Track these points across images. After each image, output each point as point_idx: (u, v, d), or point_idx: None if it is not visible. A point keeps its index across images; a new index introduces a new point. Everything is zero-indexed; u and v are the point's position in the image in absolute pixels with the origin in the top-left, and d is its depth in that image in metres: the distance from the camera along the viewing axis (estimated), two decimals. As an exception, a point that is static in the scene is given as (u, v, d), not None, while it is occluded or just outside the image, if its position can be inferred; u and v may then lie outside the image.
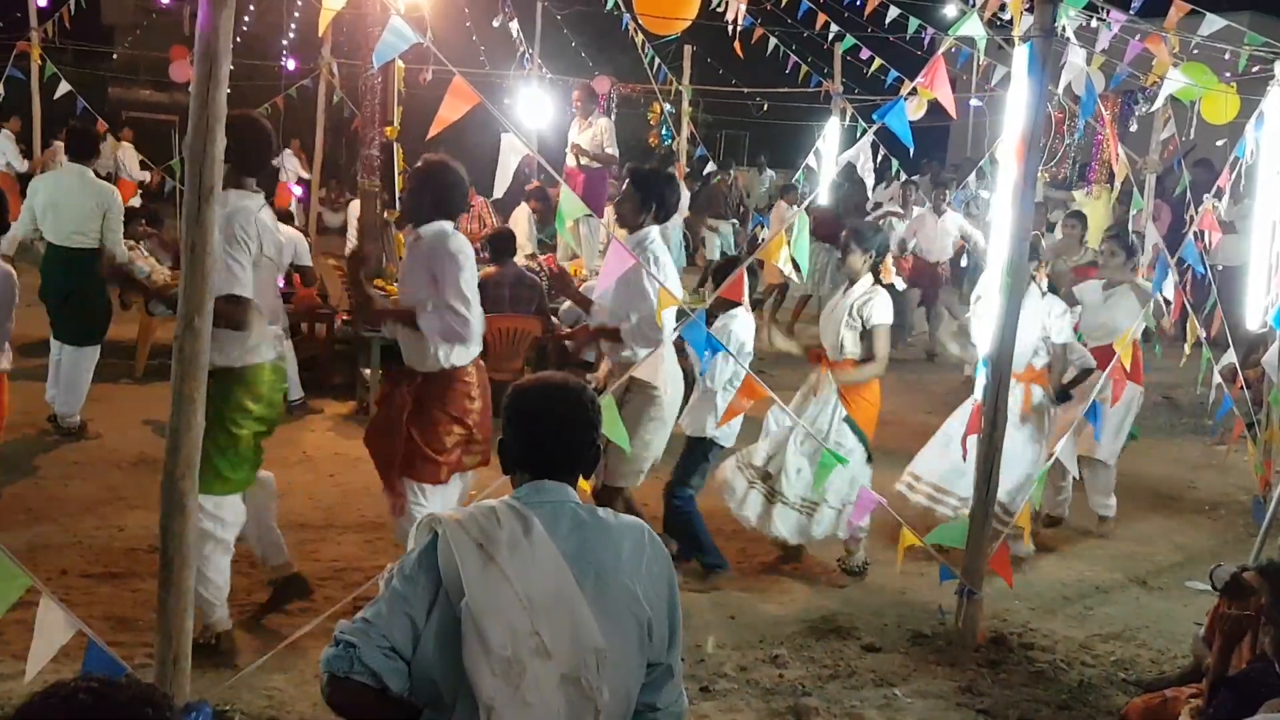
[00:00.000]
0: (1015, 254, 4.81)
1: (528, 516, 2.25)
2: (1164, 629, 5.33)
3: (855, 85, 13.18)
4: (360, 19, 8.76)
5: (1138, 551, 6.44)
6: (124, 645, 4.19)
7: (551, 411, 2.36)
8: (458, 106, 3.86)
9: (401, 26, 3.68)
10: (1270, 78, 6.23)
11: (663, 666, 2.33)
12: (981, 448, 4.93)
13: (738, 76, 15.08)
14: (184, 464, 3.37)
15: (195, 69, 3.22)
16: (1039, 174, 5.33)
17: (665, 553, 2.38)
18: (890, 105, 4.55)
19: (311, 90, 13.37)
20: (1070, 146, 13.13)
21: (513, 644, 2.12)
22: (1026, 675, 4.75)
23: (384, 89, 8.67)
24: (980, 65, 9.27)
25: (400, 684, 2.16)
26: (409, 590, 2.19)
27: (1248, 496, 7.12)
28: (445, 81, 3.88)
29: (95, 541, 5.47)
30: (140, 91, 20.42)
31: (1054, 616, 5.43)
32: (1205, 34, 6.01)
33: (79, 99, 10.98)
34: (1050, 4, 4.67)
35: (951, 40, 5.36)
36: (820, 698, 4.41)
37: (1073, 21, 5.24)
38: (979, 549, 4.94)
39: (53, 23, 11.71)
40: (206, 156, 3.24)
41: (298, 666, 4.26)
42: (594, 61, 15.99)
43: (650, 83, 13.59)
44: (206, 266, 3.30)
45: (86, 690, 1.52)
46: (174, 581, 3.41)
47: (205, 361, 3.37)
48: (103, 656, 3.33)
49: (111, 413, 7.57)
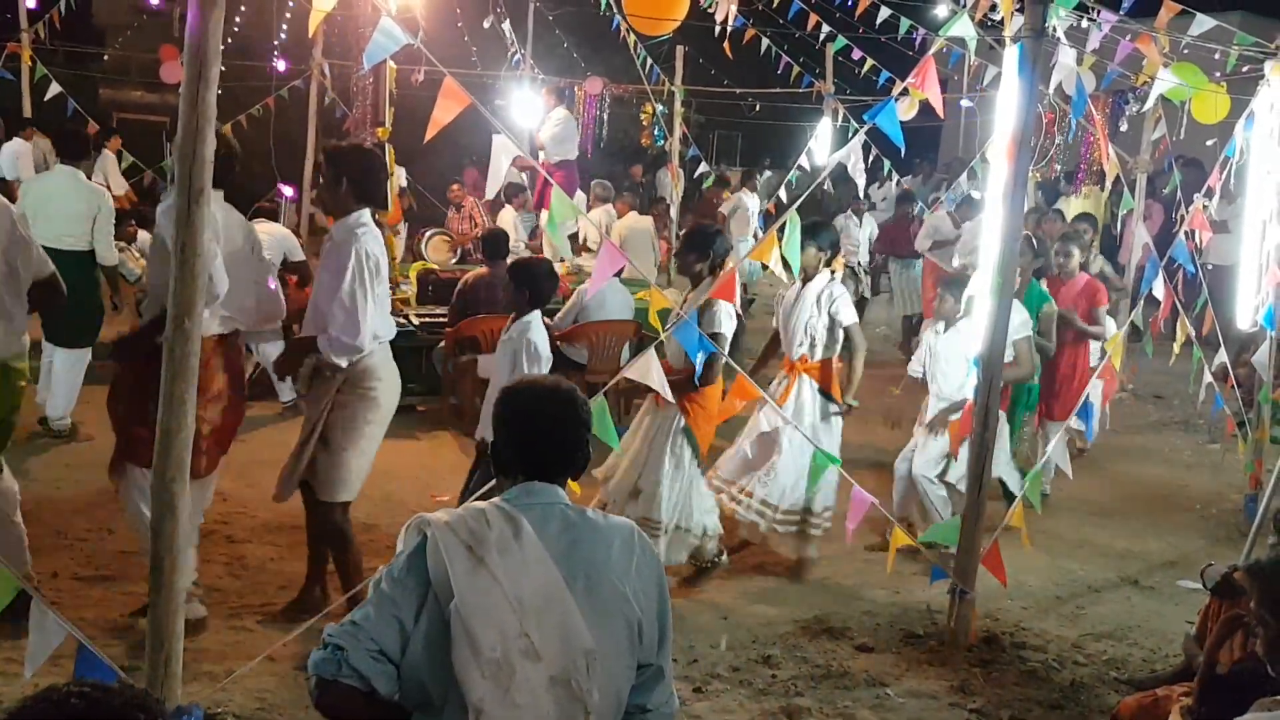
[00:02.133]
0: (1006, 254, 4.82)
1: (517, 518, 2.25)
2: (1156, 628, 5.34)
3: (847, 86, 13.19)
4: (351, 20, 8.75)
5: (1130, 551, 6.45)
6: (115, 648, 4.18)
7: (544, 412, 2.36)
8: (450, 108, 3.86)
9: (392, 27, 3.67)
10: (1260, 78, 6.25)
11: (653, 668, 2.33)
12: (973, 447, 4.95)
13: (730, 77, 15.08)
14: (174, 466, 3.36)
15: (185, 70, 3.21)
16: (1030, 175, 5.34)
17: (655, 554, 2.39)
18: (881, 106, 4.56)
19: (303, 91, 13.35)
20: (1060, 147, 13.14)
21: (502, 646, 2.12)
22: (1018, 675, 4.76)
23: (375, 90, 8.65)
24: (971, 66, 9.28)
25: (389, 687, 2.16)
26: (397, 593, 2.18)
27: (1239, 496, 7.13)
28: (437, 82, 3.89)
29: (86, 544, 5.46)
30: (131, 92, 20.34)
31: (1046, 616, 5.44)
32: (1195, 34, 6.02)
33: (70, 100, 10.95)
34: (1041, 4, 4.68)
35: (943, 41, 5.37)
36: (813, 698, 4.41)
37: (1063, 22, 5.24)
38: (971, 548, 4.95)
39: (43, 24, 11.68)
40: (196, 158, 3.23)
41: (289, 669, 4.25)
42: (586, 62, 15.98)
43: (643, 83, 13.59)
44: (196, 268, 3.29)
45: (79, 695, 1.52)
46: (164, 584, 3.40)
47: (195, 363, 3.36)
48: (93, 660, 3.32)
49: (103, 415, 7.48)
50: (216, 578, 5.16)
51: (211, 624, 4.60)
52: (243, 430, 7.51)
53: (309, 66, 13.10)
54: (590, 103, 15.28)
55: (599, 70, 15.60)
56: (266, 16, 14.82)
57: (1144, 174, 9.94)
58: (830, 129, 12.44)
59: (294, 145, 13.39)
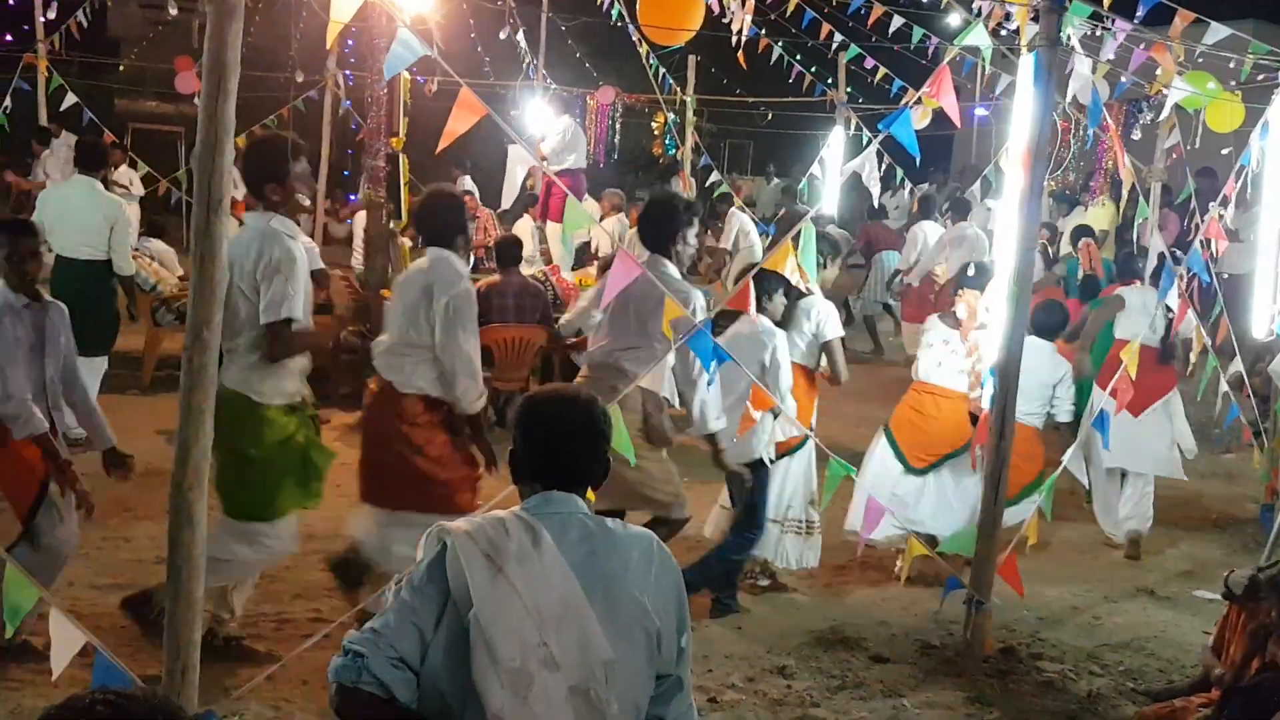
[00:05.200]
0: (1022, 263, 4.81)
1: (536, 528, 2.25)
2: (1172, 639, 5.31)
3: (860, 95, 13.20)
4: (366, 31, 8.79)
5: (1145, 561, 6.42)
6: (131, 656, 4.18)
7: (563, 422, 2.36)
8: (466, 118, 3.86)
9: (410, 38, 3.69)
10: (1275, 86, 6.23)
11: (672, 678, 2.33)
12: (989, 457, 4.93)
13: (742, 86, 15.09)
14: (192, 475, 3.36)
15: (204, 82, 3.23)
16: (1045, 184, 5.34)
17: (674, 564, 2.38)
18: (895, 115, 4.55)
19: (317, 102, 13.41)
20: (1074, 156, 13.12)
21: (521, 655, 2.12)
22: (1035, 685, 4.74)
23: (390, 100, 8.69)
24: (985, 74, 9.27)
25: (408, 694, 2.16)
26: (417, 601, 2.19)
27: (1255, 505, 7.10)
28: (451, 93, 3.90)
29: (102, 553, 5.48)
30: (146, 103, 20.47)
31: (1062, 626, 5.42)
32: (1210, 42, 6.00)
33: (85, 110, 11.02)
34: (1055, 13, 4.68)
35: (957, 50, 5.37)
36: (828, 709, 4.40)
37: (1078, 30, 5.24)
38: (987, 559, 4.93)
39: (59, 35, 11.76)
40: (215, 169, 3.24)
41: (306, 677, 4.26)
42: (599, 72, 16.02)
43: (655, 93, 13.62)
44: (216, 278, 3.30)
45: (104, 703, 1.53)
46: (182, 593, 3.40)
47: (214, 373, 3.37)
48: (111, 668, 3.33)
49: (118, 424, 7.46)
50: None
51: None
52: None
53: (324, 77, 13.15)
54: (602, 112, 15.33)
55: (611, 80, 15.64)
56: (282, 28, 14.89)
57: (1158, 183, 9.90)
58: (843, 138, 12.44)
59: (309, 156, 13.45)
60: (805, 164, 11.19)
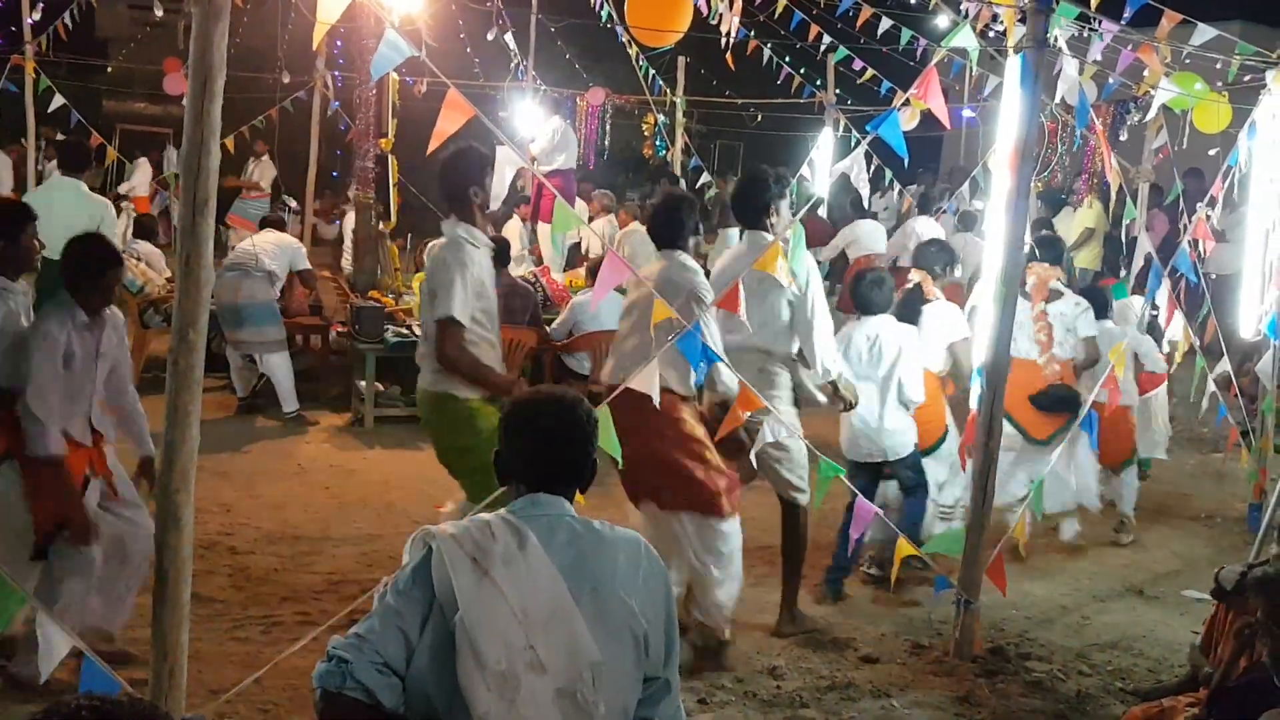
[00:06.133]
0: (1009, 264, 4.82)
1: (523, 530, 2.24)
2: (1161, 638, 5.33)
3: (848, 96, 13.22)
4: (355, 32, 8.79)
5: (1134, 561, 6.43)
6: (119, 660, 4.16)
7: (549, 424, 2.36)
8: (454, 119, 3.85)
9: (397, 40, 3.68)
10: (1261, 87, 6.26)
11: (660, 680, 2.32)
12: (977, 457, 4.94)
13: (731, 88, 15.11)
14: (179, 478, 3.35)
15: (190, 82, 3.22)
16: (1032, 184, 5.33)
17: (662, 566, 2.38)
18: (884, 116, 4.56)
19: (305, 102, 13.38)
20: (1062, 157, 13.16)
21: (507, 658, 2.11)
22: (1024, 685, 4.74)
23: (379, 101, 8.68)
24: (973, 76, 9.30)
25: (393, 699, 2.15)
26: (402, 605, 2.18)
27: (1243, 505, 7.12)
28: (440, 94, 3.88)
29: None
30: (134, 104, 20.42)
31: (1051, 626, 5.43)
32: (1197, 43, 6.03)
33: (73, 112, 10.97)
34: (1043, 15, 4.69)
35: (944, 51, 5.38)
36: (818, 709, 4.40)
37: (1065, 32, 5.26)
38: (975, 559, 4.94)
39: (47, 36, 11.70)
40: (201, 170, 3.23)
41: (293, 681, 4.24)
42: (588, 73, 16.02)
43: (644, 94, 13.62)
44: (202, 279, 3.29)
45: (88, 709, 1.52)
46: (169, 596, 3.39)
47: (200, 375, 3.35)
48: (98, 672, 3.31)
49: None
50: (219, 589, 5.16)
51: (214, 635, 4.59)
52: (245, 441, 7.57)
53: (312, 78, 13.13)
54: (592, 113, 15.32)
55: (601, 81, 15.64)
56: (269, 28, 14.86)
57: (1146, 183, 9.93)
58: (832, 139, 12.46)
59: (297, 157, 13.42)
60: (795, 165, 11.18)
